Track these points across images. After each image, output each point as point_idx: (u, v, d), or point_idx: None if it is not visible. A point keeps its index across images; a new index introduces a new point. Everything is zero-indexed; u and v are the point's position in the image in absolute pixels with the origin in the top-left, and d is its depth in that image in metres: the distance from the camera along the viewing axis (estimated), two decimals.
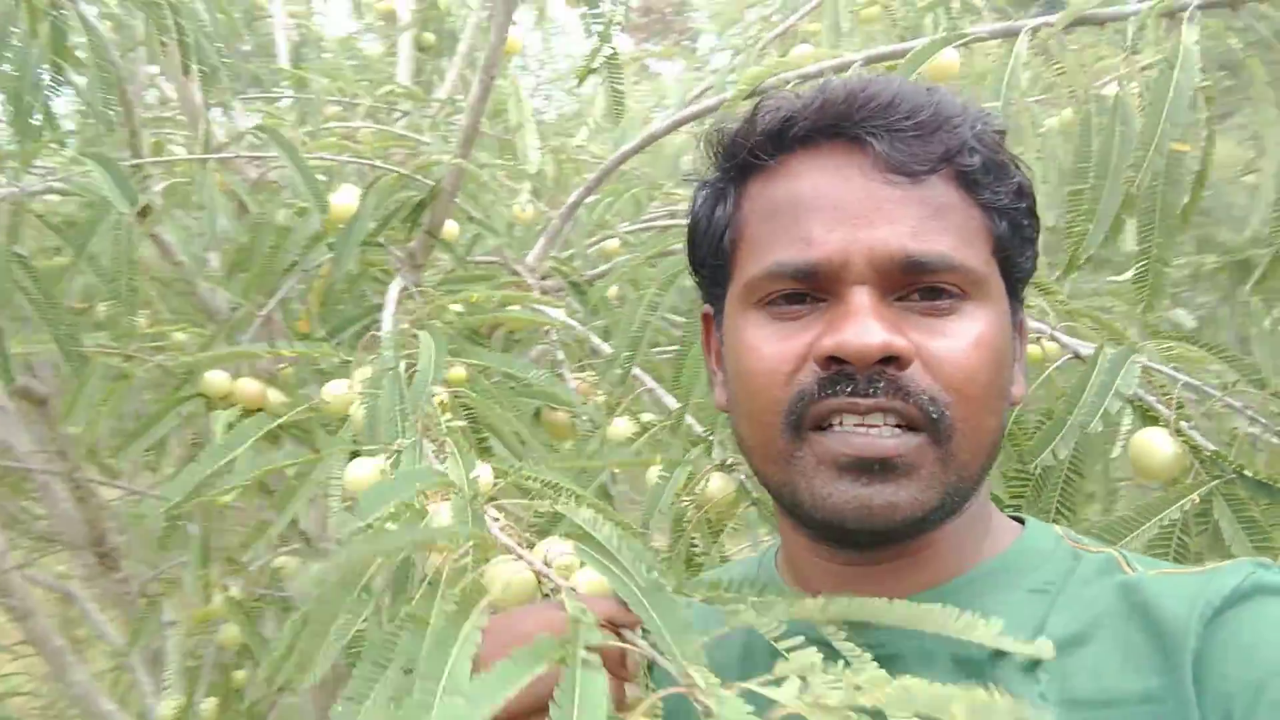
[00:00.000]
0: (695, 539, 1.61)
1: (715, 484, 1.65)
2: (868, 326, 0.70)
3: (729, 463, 1.64)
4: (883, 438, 0.70)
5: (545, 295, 2.11)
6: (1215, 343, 1.17)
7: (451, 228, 2.13)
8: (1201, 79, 1.30)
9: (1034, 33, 1.51)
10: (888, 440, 0.70)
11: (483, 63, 1.88)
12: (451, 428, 1.32)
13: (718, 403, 0.85)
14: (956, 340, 0.72)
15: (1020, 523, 0.83)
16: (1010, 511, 0.86)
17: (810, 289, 0.74)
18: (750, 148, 0.78)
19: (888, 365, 0.70)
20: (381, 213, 1.95)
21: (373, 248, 2.01)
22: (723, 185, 0.82)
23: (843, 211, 0.73)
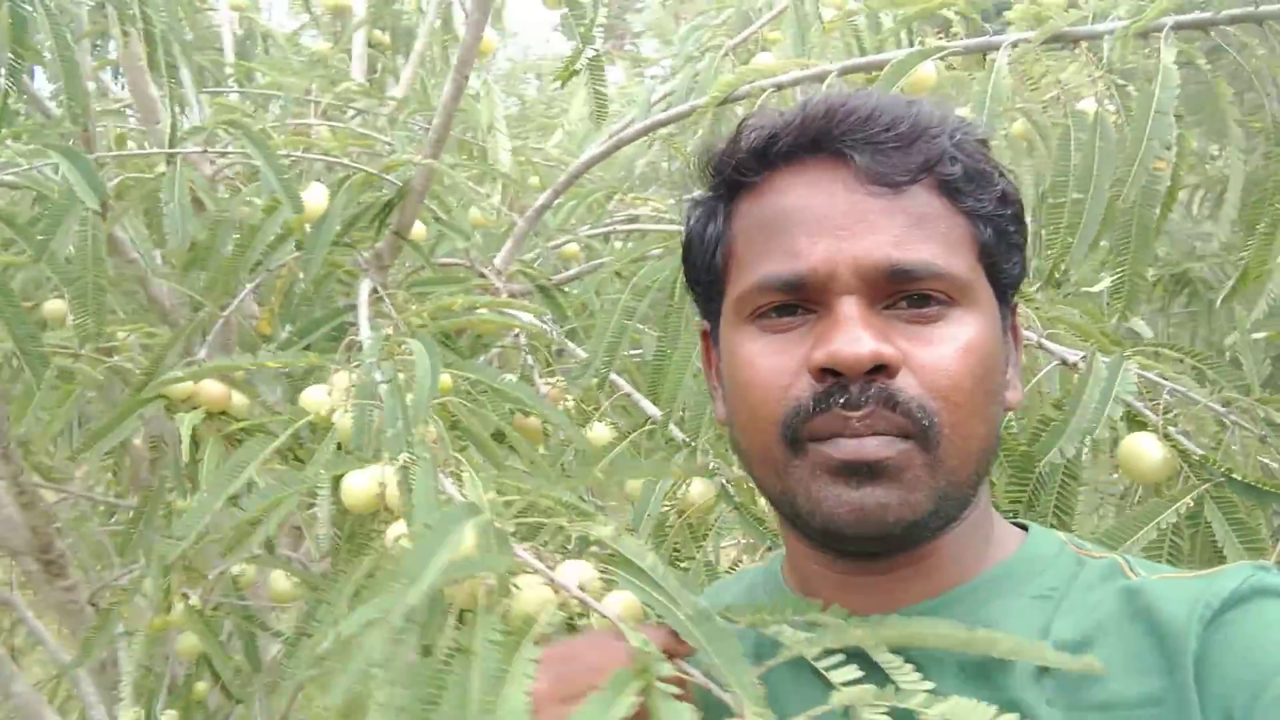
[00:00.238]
0: (678, 544, 1.62)
1: (696, 489, 1.66)
2: (857, 336, 0.72)
3: (711, 468, 1.65)
4: (870, 443, 0.72)
5: (513, 299, 2.10)
6: (1197, 350, 1.21)
7: (419, 229, 2.10)
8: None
9: (1013, 47, 1.55)
10: (874, 443, 0.72)
11: (456, 61, 1.86)
12: (455, 442, 1.31)
13: (718, 416, 0.86)
14: (943, 347, 0.74)
15: (1023, 529, 0.84)
16: (1009, 518, 0.88)
17: (799, 300, 0.76)
18: (736, 166, 0.80)
19: (878, 374, 0.72)
20: (350, 212, 1.91)
21: (340, 248, 1.97)
22: (713, 203, 0.84)
23: (827, 224, 0.75)
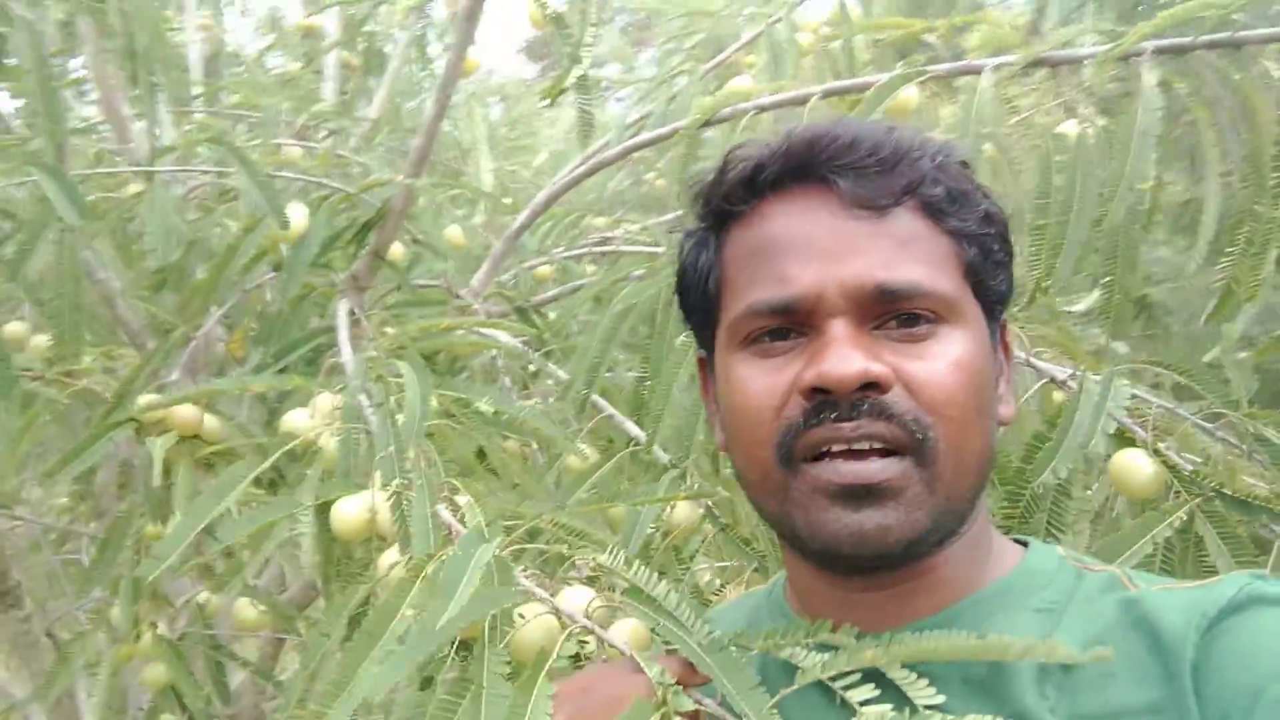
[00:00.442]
0: (662, 567, 1.61)
1: (681, 511, 1.65)
2: (846, 355, 0.73)
3: (698, 489, 1.65)
4: (869, 465, 0.73)
5: (492, 320, 2.08)
6: (1184, 367, 1.23)
7: (397, 249, 2.08)
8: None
9: (995, 71, 1.58)
10: (874, 466, 0.73)
11: (440, 81, 1.85)
12: (448, 468, 1.29)
13: (719, 444, 0.87)
14: (935, 363, 0.75)
15: (1022, 545, 0.85)
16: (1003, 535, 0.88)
17: (790, 324, 0.77)
18: (724, 195, 0.82)
19: (869, 391, 0.73)
20: (328, 232, 1.89)
21: (315, 269, 1.94)
22: (704, 234, 0.85)
23: (814, 249, 0.76)
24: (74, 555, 2.87)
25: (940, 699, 0.71)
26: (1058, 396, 1.38)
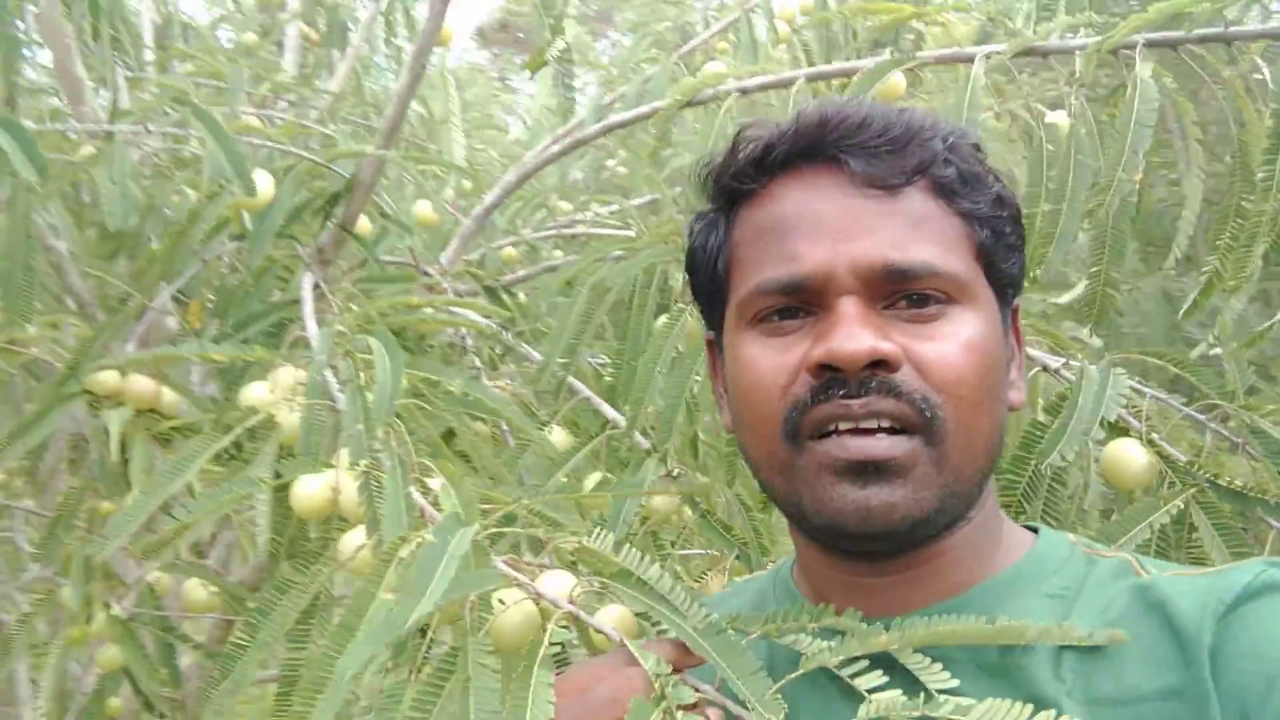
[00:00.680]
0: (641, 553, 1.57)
1: (661, 498, 1.62)
2: (854, 333, 0.72)
3: (676, 474, 1.62)
4: (877, 442, 0.73)
5: (464, 299, 2.04)
6: (1179, 357, 1.23)
7: (364, 223, 2.02)
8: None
9: (986, 59, 1.57)
10: (882, 443, 0.73)
11: (413, 50, 1.80)
12: (421, 448, 1.24)
13: (725, 425, 0.87)
14: (945, 343, 0.75)
15: (1032, 531, 0.85)
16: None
17: (799, 303, 0.76)
18: (734, 175, 0.82)
19: (877, 369, 0.73)
20: (295, 202, 1.82)
21: (281, 239, 1.87)
22: (714, 215, 0.86)
23: (824, 227, 0.76)
24: (5, 533, 2.76)
25: (954, 683, 0.71)
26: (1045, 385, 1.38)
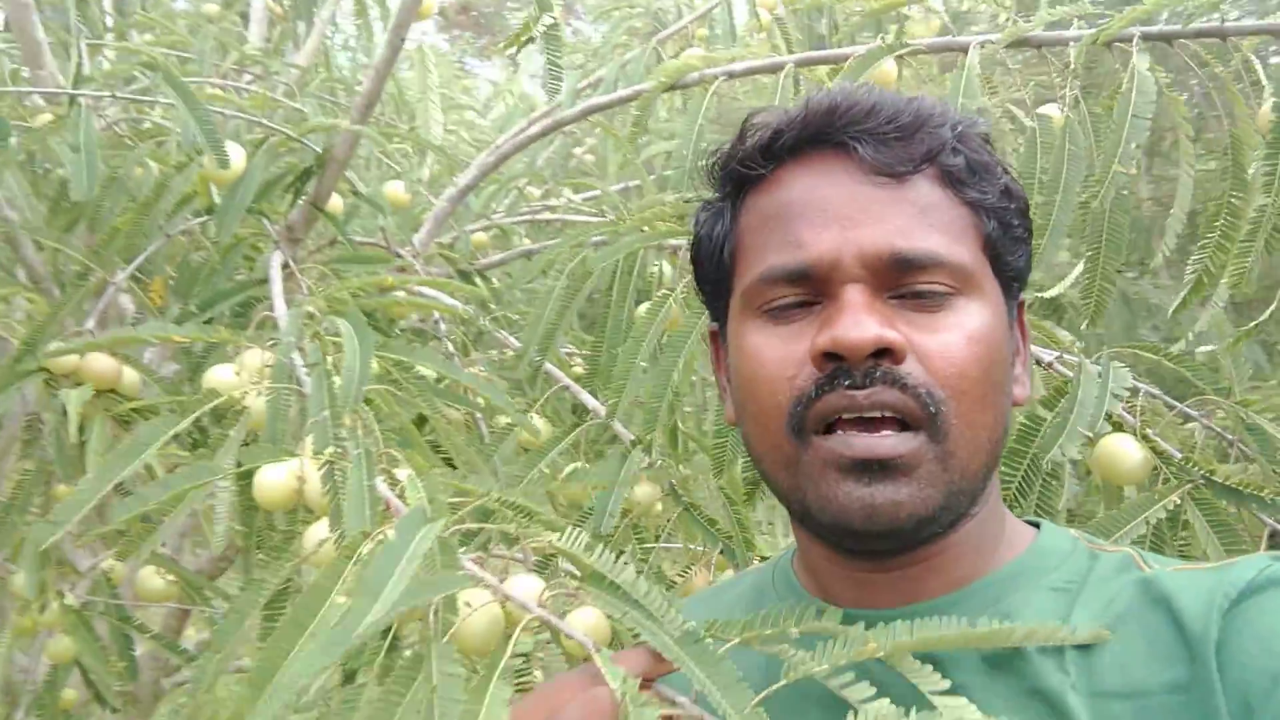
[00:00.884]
0: (621, 549, 1.54)
1: (642, 490, 1.59)
2: (860, 321, 0.71)
3: (657, 465, 1.59)
4: (882, 439, 0.72)
5: (438, 280, 1.98)
6: (1173, 353, 1.22)
7: (335, 202, 1.96)
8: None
9: (981, 48, 1.55)
10: (887, 441, 0.71)
11: (393, 22, 1.74)
12: (390, 436, 1.20)
13: (728, 417, 0.85)
14: (949, 334, 0.74)
15: (1034, 526, 0.84)
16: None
17: (805, 291, 0.75)
18: (742, 161, 0.81)
19: (882, 359, 0.71)
20: (266, 177, 1.75)
21: (250, 216, 1.81)
22: (720, 203, 0.84)
23: (831, 214, 0.75)
24: None
25: (946, 684, 0.68)
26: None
